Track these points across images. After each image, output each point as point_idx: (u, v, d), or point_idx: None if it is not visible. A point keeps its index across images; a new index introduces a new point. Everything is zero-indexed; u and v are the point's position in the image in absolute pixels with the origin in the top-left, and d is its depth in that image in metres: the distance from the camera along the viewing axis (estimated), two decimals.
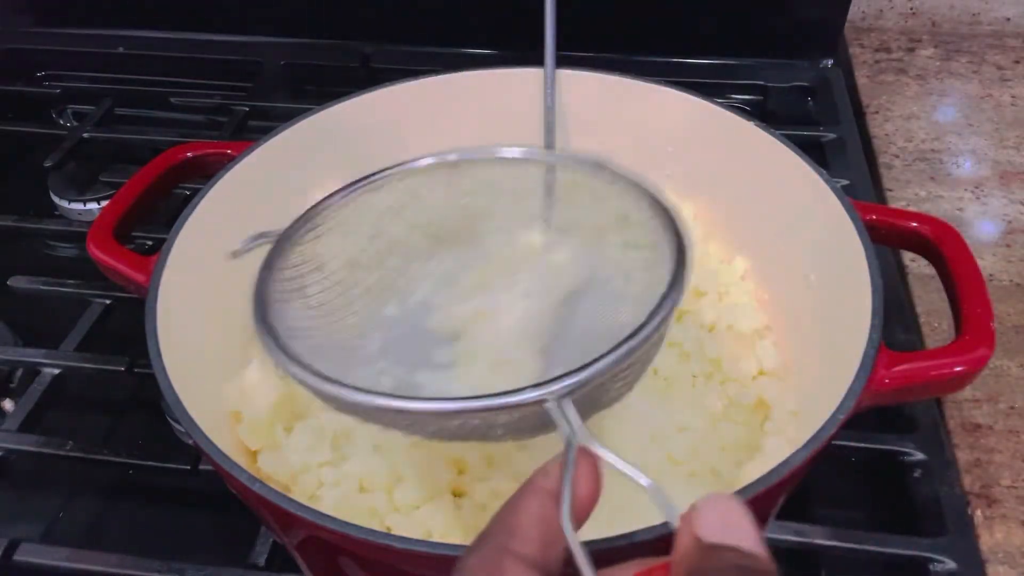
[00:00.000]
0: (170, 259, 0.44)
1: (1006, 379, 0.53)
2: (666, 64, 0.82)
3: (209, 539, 0.50)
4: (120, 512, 0.52)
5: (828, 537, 0.44)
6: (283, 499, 0.33)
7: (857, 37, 0.87)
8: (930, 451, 0.49)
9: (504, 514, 0.24)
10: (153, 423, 0.54)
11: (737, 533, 0.22)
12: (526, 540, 0.23)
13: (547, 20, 0.53)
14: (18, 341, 0.59)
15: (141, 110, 0.83)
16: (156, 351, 0.40)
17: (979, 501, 0.47)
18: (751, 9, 0.81)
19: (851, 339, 0.39)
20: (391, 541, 0.32)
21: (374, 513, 0.42)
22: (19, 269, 0.63)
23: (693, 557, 0.21)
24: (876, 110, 0.77)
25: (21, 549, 0.46)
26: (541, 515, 0.23)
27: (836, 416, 0.35)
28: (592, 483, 0.25)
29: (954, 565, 0.44)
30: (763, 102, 0.80)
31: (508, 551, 0.22)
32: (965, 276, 0.42)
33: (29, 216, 0.69)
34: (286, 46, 0.87)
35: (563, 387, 0.27)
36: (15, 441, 0.52)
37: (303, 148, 0.53)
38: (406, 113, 0.56)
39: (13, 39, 0.90)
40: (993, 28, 0.87)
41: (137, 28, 0.89)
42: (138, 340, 0.40)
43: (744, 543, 0.21)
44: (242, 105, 0.79)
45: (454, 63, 0.57)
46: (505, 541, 0.23)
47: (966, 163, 0.71)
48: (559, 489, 0.24)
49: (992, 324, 0.39)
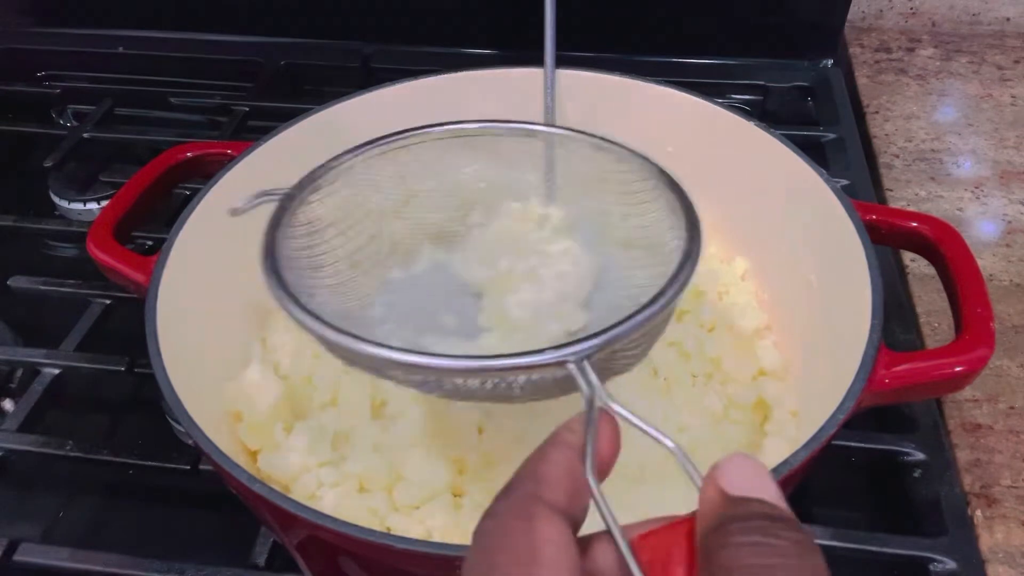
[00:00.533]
0: (170, 259, 0.44)
1: (1006, 379, 0.53)
2: (666, 64, 0.82)
3: (209, 539, 0.50)
4: (120, 512, 0.52)
5: (828, 537, 0.44)
6: (283, 499, 0.33)
7: (857, 37, 0.87)
8: (930, 451, 0.49)
9: (532, 464, 0.24)
10: (153, 423, 0.54)
11: (760, 487, 0.22)
12: (555, 489, 0.23)
13: (547, 20, 0.53)
14: (18, 341, 0.59)
15: (141, 110, 0.83)
16: (156, 351, 0.40)
17: (979, 501, 0.47)
18: (751, 9, 0.81)
19: (851, 339, 0.39)
20: (391, 541, 0.32)
21: (374, 513, 0.42)
22: (19, 269, 0.63)
23: (717, 511, 0.22)
24: (876, 110, 0.77)
25: (21, 549, 0.46)
26: (568, 467, 0.24)
27: (836, 416, 0.35)
28: (612, 442, 0.25)
29: (954, 565, 0.44)
30: (763, 102, 0.80)
31: (538, 498, 0.23)
32: (965, 276, 0.42)
33: (29, 216, 0.69)
34: (286, 46, 0.87)
35: (584, 349, 0.28)
36: (15, 441, 0.52)
37: (303, 148, 0.53)
38: (406, 113, 0.56)
39: (13, 39, 0.90)
40: (993, 28, 0.87)
41: (137, 28, 0.89)
42: (138, 340, 0.40)
43: (767, 496, 0.22)
44: (242, 105, 0.79)
45: (454, 63, 0.57)
46: (534, 489, 0.23)
47: (966, 163, 0.71)
48: (583, 444, 0.24)
49: (992, 324, 0.39)
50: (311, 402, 0.48)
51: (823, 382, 0.41)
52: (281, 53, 0.86)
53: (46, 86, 0.86)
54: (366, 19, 0.86)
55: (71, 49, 0.89)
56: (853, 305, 0.41)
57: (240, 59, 0.86)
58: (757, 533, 0.21)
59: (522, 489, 0.24)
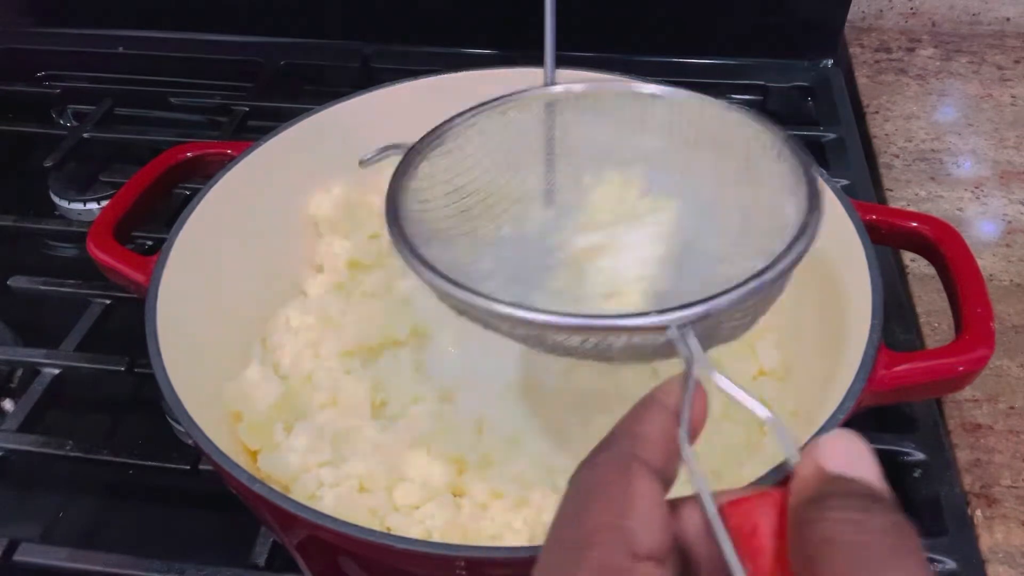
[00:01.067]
0: (170, 259, 0.44)
1: (1006, 379, 0.53)
2: (666, 64, 0.82)
3: (209, 539, 0.50)
4: (120, 512, 0.52)
5: None
6: (283, 499, 0.33)
7: (857, 37, 0.87)
8: (930, 451, 0.49)
9: (629, 423, 0.25)
10: (153, 423, 0.54)
11: (861, 466, 0.22)
12: (652, 450, 0.24)
13: (547, 20, 0.53)
14: (18, 341, 0.59)
15: (141, 110, 0.83)
16: (156, 351, 0.40)
17: (979, 501, 0.47)
18: (751, 9, 0.81)
19: (851, 339, 0.39)
20: (391, 541, 0.32)
21: (374, 513, 0.42)
22: (19, 269, 0.63)
23: (814, 485, 0.22)
24: (876, 110, 0.77)
25: (21, 549, 0.46)
26: (664, 428, 0.24)
27: (836, 416, 0.35)
28: (704, 409, 0.26)
29: (954, 565, 0.44)
30: (763, 102, 0.80)
31: (636, 457, 0.23)
32: (965, 276, 0.42)
33: (29, 216, 0.69)
34: (286, 46, 0.87)
35: (687, 315, 0.28)
36: (15, 441, 0.52)
37: (303, 148, 0.53)
38: (406, 113, 0.56)
39: (13, 39, 0.90)
40: (993, 28, 0.87)
41: (137, 28, 0.89)
42: (138, 340, 0.40)
43: (867, 476, 0.22)
44: (242, 105, 0.79)
45: (454, 63, 0.57)
46: (632, 447, 0.24)
47: (966, 163, 0.71)
48: (678, 407, 0.25)
49: (992, 324, 0.39)
50: (311, 402, 0.48)
51: (823, 382, 0.41)
52: (281, 53, 0.86)
53: (46, 86, 0.86)
54: (366, 19, 0.86)
55: (71, 49, 0.89)
56: (853, 305, 0.41)
57: (240, 59, 0.86)
58: (855, 510, 0.21)
59: (621, 445, 0.24)
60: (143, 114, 0.83)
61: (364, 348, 0.50)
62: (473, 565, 0.32)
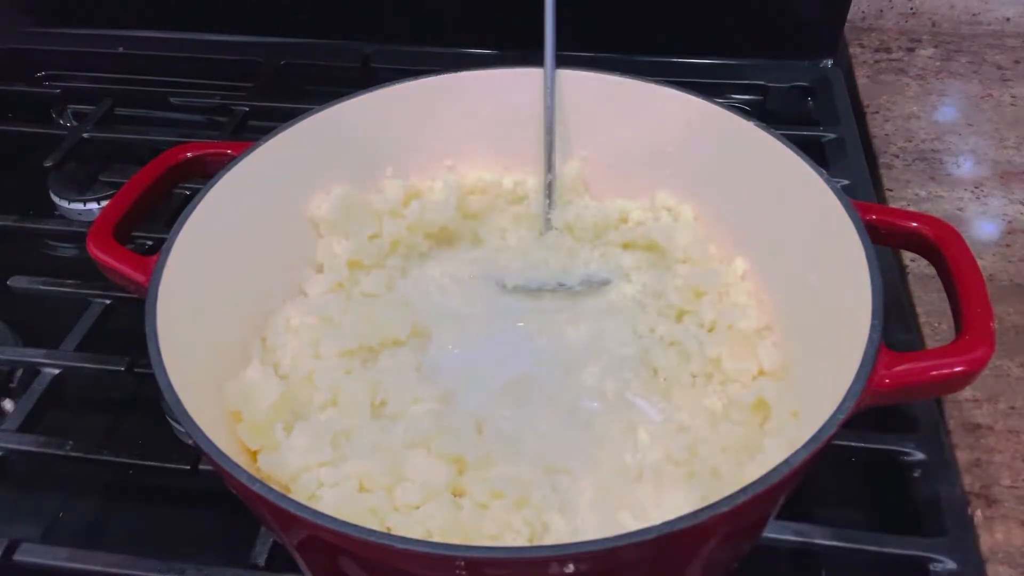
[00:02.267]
0: (170, 259, 0.44)
1: (1006, 379, 0.53)
2: (666, 64, 0.82)
3: (209, 539, 0.50)
4: (120, 512, 0.52)
5: (828, 537, 0.44)
6: (283, 499, 0.33)
7: (857, 37, 0.87)
8: (930, 451, 0.49)
9: None
10: (153, 423, 0.54)
11: None
12: None
13: (547, 20, 0.53)
14: (18, 341, 0.59)
15: (141, 110, 0.83)
16: (156, 351, 0.39)
17: (979, 501, 0.47)
18: (751, 9, 0.81)
19: (851, 339, 0.39)
20: (391, 541, 0.32)
21: (374, 513, 0.42)
22: (19, 269, 0.63)
23: None
24: (876, 110, 0.77)
25: (21, 549, 0.46)
26: None
27: (836, 416, 0.35)
28: None
29: (954, 565, 0.44)
30: (763, 102, 0.80)
31: None
32: (965, 276, 0.42)
33: (29, 216, 0.69)
34: (286, 46, 0.87)
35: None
36: (15, 441, 0.52)
37: (303, 148, 0.53)
38: (406, 113, 0.56)
39: (13, 39, 0.90)
40: (993, 28, 0.87)
41: (137, 28, 0.89)
42: (138, 340, 0.40)
43: None
44: (242, 105, 0.79)
45: (454, 63, 0.57)
46: None
47: (966, 163, 0.71)
48: None
49: (992, 324, 0.39)
50: (311, 402, 0.47)
51: (823, 382, 0.41)
52: (281, 53, 0.86)
53: (46, 86, 0.86)
54: (366, 19, 0.86)
55: (71, 49, 0.89)
56: (853, 305, 0.41)
57: (240, 59, 0.86)
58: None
59: None
60: (143, 114, 0.83)
61: (364, 348, 0.50)
62: (473, 565, 0.32)
